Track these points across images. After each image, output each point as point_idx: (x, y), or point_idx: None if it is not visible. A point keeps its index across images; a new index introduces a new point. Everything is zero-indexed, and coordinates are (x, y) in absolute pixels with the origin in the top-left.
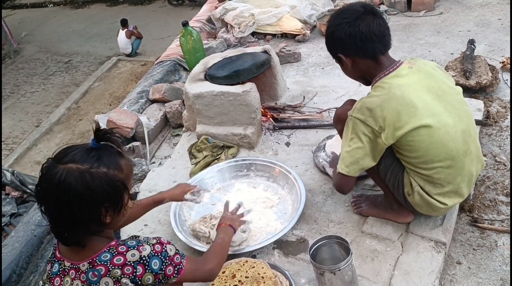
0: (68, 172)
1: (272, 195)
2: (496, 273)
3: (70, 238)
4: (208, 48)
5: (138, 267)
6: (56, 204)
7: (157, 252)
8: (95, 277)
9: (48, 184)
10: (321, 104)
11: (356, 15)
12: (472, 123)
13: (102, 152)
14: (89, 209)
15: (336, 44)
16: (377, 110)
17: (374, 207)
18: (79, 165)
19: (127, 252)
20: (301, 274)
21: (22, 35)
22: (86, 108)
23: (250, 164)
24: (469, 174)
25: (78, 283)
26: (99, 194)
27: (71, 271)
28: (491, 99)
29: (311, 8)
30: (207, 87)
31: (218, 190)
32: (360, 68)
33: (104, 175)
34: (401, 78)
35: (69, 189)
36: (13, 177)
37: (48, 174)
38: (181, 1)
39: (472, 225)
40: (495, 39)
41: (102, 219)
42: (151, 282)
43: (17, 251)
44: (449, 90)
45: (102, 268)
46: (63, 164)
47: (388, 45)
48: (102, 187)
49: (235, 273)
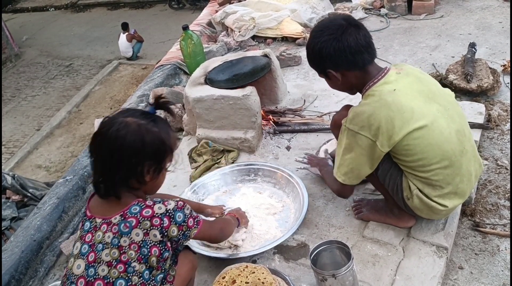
0: (127, 123)
1: (277, 202)
2: (499, 278)
3: (110, 189)
4: (209, 51)
5: (165, 219)
6: (108, 151)
7: (179, 207)
8: (126, 228)
9: (106, 130)
10: (321, 107)
11: (342, 30)
12: (465, 123)
13: (157, 117)
14: (136, 160)
15: (325, 60)
16: (370, 118)
17: (375, 212)
18: (138, 120)
19: (154, 205)
20: (302, 279)
21: (23, 39)
22: (87, 111)
23: (258, 169)
24: (467, 173)
25: (109, 234)
26: (148, 148)
27: (102, 225)
28: (492, 103)
29: (311, 11)
30: (207, 91)
31: (224, 192)
32: (349, 81)
33: (157, 134)
34: (391, 84)
35: (124, 137)
36: (13, 181)
37: (108, 123)
38: (182, 5)
39: (474, 230)
40: (496, 42)
41: (143, 176)
42: (176, 234)
43: (16, 256)
44: (439, 92)
45: (133, 219)
46: (123, 117)
47: (375, 54)
48: (153, 143)
49: (235, 278)
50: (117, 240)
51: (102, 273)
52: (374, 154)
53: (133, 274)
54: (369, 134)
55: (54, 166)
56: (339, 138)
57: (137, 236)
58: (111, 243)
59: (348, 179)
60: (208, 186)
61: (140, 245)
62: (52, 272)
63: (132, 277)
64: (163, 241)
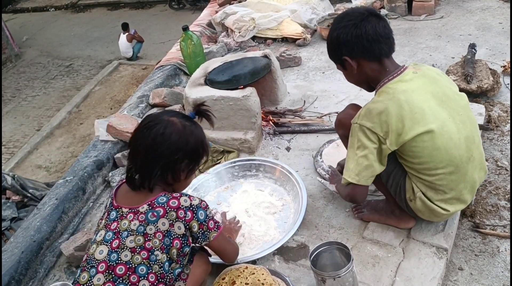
0: (173, 122)
1: (277, 200)
2: (499, 279)
3: (146, 182)
4: (209, 52)
5: (188, 212)
6: (152, 146)
7: (203, 206)
8: (154, 217)
9: (152, 126)
10: (321, 108)
11: (361, 18)
12: (476, 129)
13: (196, 123)
14: (177, 157)
15: (341, 47)
16: (382, 115)
17: (375, 212)
18: (182, 120)
19: (180, 197)
20: (301, 280)
21: (23, 39)
22: (87, 112)
23: (259, 164)
24: (472, 181)
25: (136, 222)
26: (190, 148)
27: (129, 214)
28: (492, 104)
29: (311, 12)
30: (207, 92)
31: (226, 188)
32: (365, 72)
33: (199, 136)
34: (406, 83)
35: (170, 134)
36: (13, 181)
37: (154, 120)
38: (182, 5)
39: (474, 231)
40: (496, 43)
41: (179, 173)
42: (196, 230)
43: (16, 257)
44: (454, 96)
45: (160, 209)
46: (168, 117)
47: (393, 47)
48: (195, 144)
49: (235, 279)
50: (143, 228)
51: (125, 258)
52: (382, 151)
53: (155, 263)
54: (381, 131)
55: (54, 166)
56: (350, 138)
57: (163, 225)
58: (137, 230)
59: (363, 178)
60: (209, 182)
61: (165, 234)
62: (52, 273)
63: (153, 266)
64: (185, 235)
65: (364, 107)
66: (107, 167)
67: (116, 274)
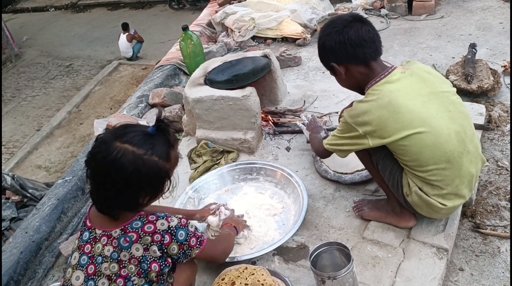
0: (124, 152)
1: (277, 203)
2: (499, 279)
3: (106, 209)
4: (208, 52)
5: (166, 236)
6: (104, 178)
7: (182, 225)
8: (126, 243)
9: (103, 157)
10: (321, 108)
11: (344, 24)
12: (468, 123)
13: (158, 140)
14: (132, 190)
15: (328, 53)
16: (364, 117)
17: (376, 210)
18: (135, 148)
19: (156, 221)
20: (301, 281)
21: (23, 39)
22: (87, 112)
23: (260, 168)
24: (468, 175)
25: (109, 248)
26: (145, 179)
27: (102, 237)
28: (493, 104)
29: (311, 12)
30: (207, 92)
31: (226, 191)
32: (353, 75)
33: (155, 164)
34: (392, 84)
35: (121, 168)
36: (13, 181)
37: (105, 148)
38: (182, 5)
39: (475, 231)
40: (496, 43)
41: (140, 201)
42: (176, 252)
43: (15, 257)
44: (442, 93)
45: (133, 234)
46: (120, 143)
47: (379, 50)
48: (150, 174)
49: (234, 280)
50: (117, 254)
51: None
52: (360, 144)
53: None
54: (360, 130)
55: (54, 166)
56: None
57: (137, 251)
58: (111, 257)
59: (332, 148)
60: (210, 185)
61: (140, 260)
62: (51, 273)
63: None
64: (163, 256)
65: (354, 103)
66: None
67: None
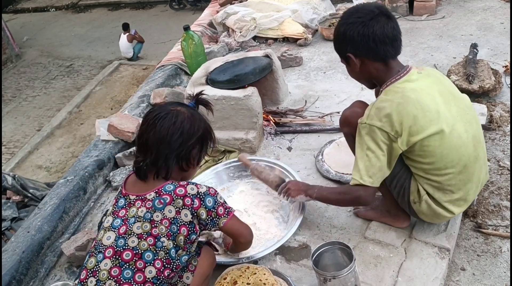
0: (181, 111)
1: (274, 198)
2: (501, 279)
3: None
4: (210, 52)
5: (195, 200)
6: (165, 135)
7: (211, 193)
8: (160, 204)
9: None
10: (323, 108)
11: (371, 16)
12: (480, 129)
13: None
14: (190, 144)
15: (347, 43)
16: (393, 114)
17: (372, 210)
18: (188, 109)
19: (187, 185)
20: (303, 280)
21: (24, 39)
22: (88, 112)
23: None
24: (477, 180)
25: (143, 209)
26: (201, 134)
27: (137, 202)
28: (494, 104)
29: (312, 12)
30: (208, 92)
31: (222, 190)
32: (368, 70)
33: (205, 122)
34: (413, 83)
35: (182, 122)
36: (14, 181)
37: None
38: (183, 6)
39: (476, 231)
40: (497, 43)
41: (192, 160)
42: (204, 217)
43: (17, 257)
44: (459, 95)
45: (167, 197)
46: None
47: (399, 49)
48: (204, 129)
49: (236, 279)
50: (150, 214)
51: (131, 244)
52: (393, 151)
53: (161, 249)
54: (391, 130)
55: (55, 166)
56: (357, 139)
57: (170, 212)
58: (144, 217)
59: (376, 180)
60: (206, 184)
61: (171, 221)
62: (53, 273)
63: (159, 252)
64: (192, 222)
65: (372, 107)
66: (108, 167)
67: (123, 260)
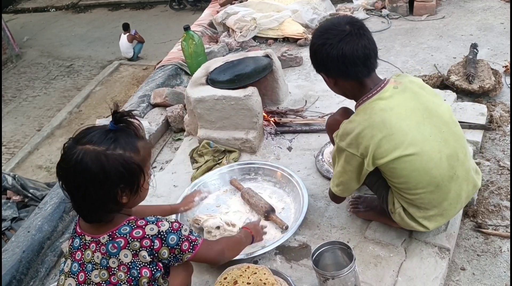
0: (85, 153)
1: (277, 202)
2: (501, 279)
3: (90, 216)
4: (210, 52)
5: (156, 241)
6: (74, 184)
7: (174, 229)
8: (114, 249)
9: (66, 164)
10: (323, 108)
11: (340, 37)
12: (461, 145)
13: (120, 134)
14: (104, 189)
15: (318, 63)
16: (358, 137)
17: (370, 210)
18: (95, 146)
19: (146, 226)
20: (303, 280)
21: (24, 40)
22: (88, 112)
23: (259, 168)
24: (456, 197)
25: (98, 255)
26: (113, 175)
27: (91, 244)
28: (494, 104)
29: (312, 12)
30: (208, 92)
31: (225, 192)
32: (342, 87)
33: (120, 157)
34: (385, 101)
35: (85, 169)
36: (14, 181)
37: (67, 154)
38: (183, 6)
39: (476, 231)
40: (497, 43)
41: (118, 199)
42: (166, 256)
43: (17, 257)
44: (436, 111)
45: (121, 240)
46: (81, 145)
47: (373, 67)
48: (117, 169)
49: (236, 279)
50: (106, 261)
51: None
52: (361, 170)
53: None
54: (357, 152)
55: (55, 166)
56: (333, 150)
57: (126, 257)
58: (100, 263)
59: (340, 191)
60: (209, 185)
61: (129, 266)
62: (53, 273)
63: None
64: (153, 261)
65: (341, 126)
66: None
67: None
